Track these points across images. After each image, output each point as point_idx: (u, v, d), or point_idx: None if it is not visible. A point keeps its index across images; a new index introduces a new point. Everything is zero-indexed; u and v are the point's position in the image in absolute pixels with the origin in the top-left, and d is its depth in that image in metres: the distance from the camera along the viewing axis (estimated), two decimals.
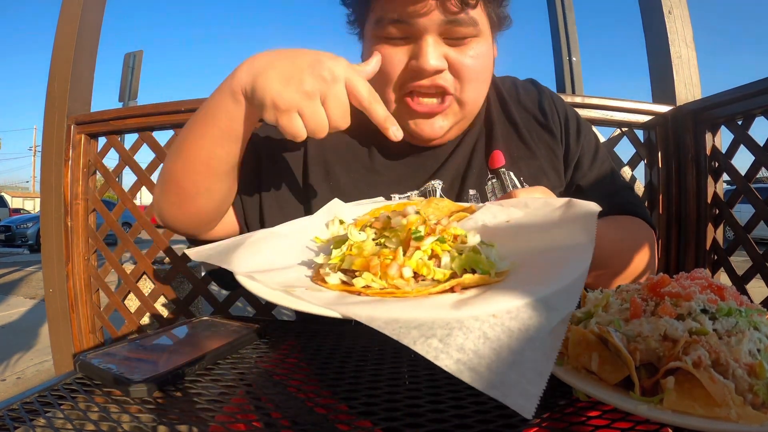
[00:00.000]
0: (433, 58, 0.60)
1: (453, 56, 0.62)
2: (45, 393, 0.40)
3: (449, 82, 0.63)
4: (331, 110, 0.51)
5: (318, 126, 0.51)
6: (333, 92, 0.50)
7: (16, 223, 11.50)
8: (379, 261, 0.42)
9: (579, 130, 0.76)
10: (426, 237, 0.43)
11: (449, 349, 0.29)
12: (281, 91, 0.50)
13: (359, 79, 0.52)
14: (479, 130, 0.75)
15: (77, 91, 1.47)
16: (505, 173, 0.71)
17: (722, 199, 1.24)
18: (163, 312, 1.46)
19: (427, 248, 0.43)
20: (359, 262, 0.43)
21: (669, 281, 0.39)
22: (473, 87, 0.65)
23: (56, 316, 1.45)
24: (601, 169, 0.75)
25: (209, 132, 0.58)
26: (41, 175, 1.47)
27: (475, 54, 0.63)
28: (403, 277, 0.41)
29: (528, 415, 0.25)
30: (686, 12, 1.36)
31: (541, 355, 0.29)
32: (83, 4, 1.46)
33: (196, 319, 0.59)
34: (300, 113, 0.50)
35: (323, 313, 0.36)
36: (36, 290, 5.29)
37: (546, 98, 0.77)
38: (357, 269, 0.43)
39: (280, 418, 0.36)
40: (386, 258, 0.42)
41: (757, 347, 0.32)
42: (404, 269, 0.41)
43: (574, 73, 3.18)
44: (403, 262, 0.41)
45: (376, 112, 0.53)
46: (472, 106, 0.68)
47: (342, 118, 0.52)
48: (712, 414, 0.28)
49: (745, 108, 1.14)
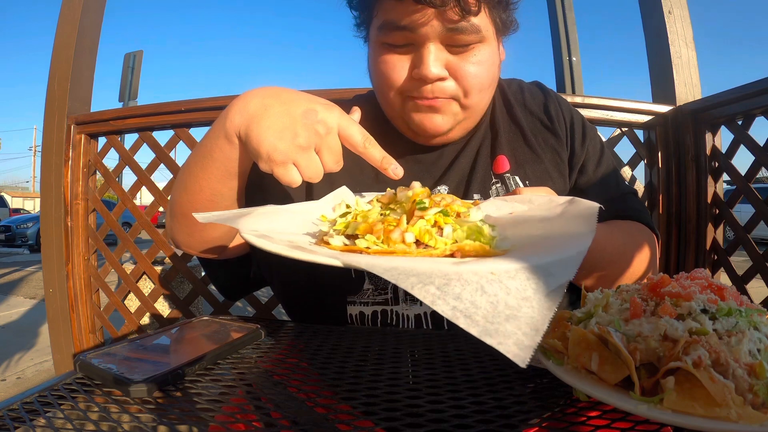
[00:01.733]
0: (434, 66, 0.60)
1: (455, 63, 0.62)
2: (45, 393, 0.40)
3: (451, 89, 0.63)
4: (325, 159, 0.52)
5: (313, 174, 0.52)
6: (327, 144, 0.51)
7: (16, 223, 11.50)
8: (382, 227, 0.43)
9: (584, 134, 0.76)
10: (430, 208, 0.44)
11: (446, 297, 0.30)
12: (276, 144, 0.50)
13: (352, 125, 0.53)
14: (484, 133, 0.74)
15: (77, 91, 1.47)
16: (510, 178, 0.71)
17: (722, 199, 1.24)
18: (163, 312, 1.46)
19: (431, 218, 0.43)
20: (363, 227, 0.44)
21: (669, 281, 0.39)
22: (476, 93, 0.64)
23: (56, 316, 1.45)
24: (605, 174, 0.75)
25: (209, 171, 0.59)
26: (41, 175, 1.47)
27: (478, 60, 0.62)
28: (405, 242, 0.41)
29: (522, 364, 0.25)
30: (686, 12, 1.36)
31: (538, 313, 0.29)
32: (83, 4, 1.46)
33: (196, 319, 0.59)
34: (295, 164, 0.51)
35: (325, 261, 0.36)
36: (36, 290, 5.29)
37: (552, 101, 0.77)
38: (360, 234, 0.43)
39: (280, 418, 0.36)
40: (390, 225, 0.43)
41: (757, 347, 0.32)
42: (407, 234, 0.42)
43: (574, 73, 3.18)
44: (405, 228, 0.42)
45: (372, 156, 0.53)
46: (476, 110, 0.68)
47: (336, 164, 0.53)
48: (712, 414, 0.28)
49: (745, 108, 1.15)
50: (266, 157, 0.50)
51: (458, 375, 0.43)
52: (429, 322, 0.66)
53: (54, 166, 1.43)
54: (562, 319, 0.42)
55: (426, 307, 0.66)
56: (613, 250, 0.62)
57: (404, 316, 0.66)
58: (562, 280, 0.32)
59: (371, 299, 0.68)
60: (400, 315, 0.67)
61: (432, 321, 0.66)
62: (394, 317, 0.67)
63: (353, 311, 0.68)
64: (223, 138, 0.55)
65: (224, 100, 1.32)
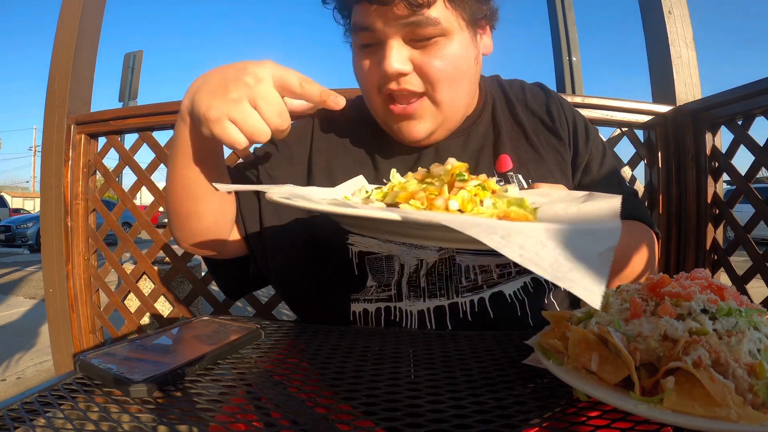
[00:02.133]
0: (396, 61, 0.61)
1: (418, 59, 0.62)
2: (45, 393, 0.40)
3: (417, 84, 0.63)
4: (263, 111, 0.52)
5: (254, 128, 0.52)
6: (259, 93, 0.51)
7: (16, 223, 11.49)
8: (424, 194, 0.43)
9: (587, 134, 0.76)
10: (469, 180, 0.44)
11: (511, 245, 0.30)
12: (209, 103, 0.51)
13: (286, 71, 0.53)
14: (486, 132, 0.74)
15: (77, 91, 1.47)
16: (513, 177, 0.70)
17: (722, 199, 1.24)
18: (163, 312, 1.46)
19: (472, 189, 0.43)
20: (404, 195, 0.43)
21: (669, 281, 0.39)
22: (445, 87, 0.64)
23: (56, 316, 1.45)
24: (608, 174, 0.76)
25: (176, 157, 0.61)
26: (41, 175, 1.47)
27: (443, 54, 0.62)
28: (449, 209, 0.41)
29: (597, 306, 0.26)
30: (686, 12, 1.36)
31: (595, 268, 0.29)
32: (83, 4, 1.46)
33: (196, 319, 0.59)
34: (232, 120, 0.51)
35: (381, 216, 0.36)
36: (36, 290, 5.28)
37: (554, 102, 0.77)
38: (401, 201, 0.43)
39: (280, 418, 0.36)
40: (431, 194, 0.43)
41: (757, 347, 0.32)
42: (450, 201, 0.42)
43: (574, 73, 3.18)
44: (448, 196, 0.42)
45: (311, 93, 0.53)
46: (449, 106, 0.66)
47: (278, 116, 0.53)
48: (712, 414, 0.28)
49: (745, 108, 1.15)
50: (203, 118, 0.52)
51: (458, 375, 0.43)
52: (432, 318, 0.66)
53: (54, 166, 1.43)
54: (562, 319, 0.42)
55: (429, 302, 0.66)
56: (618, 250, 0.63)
57: (408, 312, 0.67)
58: (610, 243, 0.32)
59: (375, 296, 0.68)
60: (404, 311, 0.67)
61: (435, 317, 0.66)
62: (398, 314, 0.67)
63: (357, 308, 0.68)
64: (180, 120, 0.58)
65: None
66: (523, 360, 0.46)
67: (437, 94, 0.64)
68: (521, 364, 0.45)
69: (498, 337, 0.56)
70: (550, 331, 0.42)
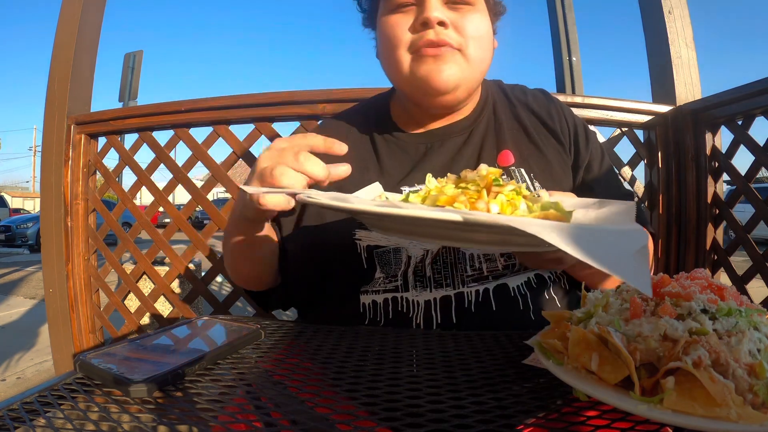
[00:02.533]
0: (436, 9, 0.67)
1: (454, 18, 0.68)
2: (45, 393, 0.40)
3: (453, 37, 0.68)
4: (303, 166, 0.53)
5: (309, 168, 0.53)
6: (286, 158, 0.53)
7: (16, 223, 11.49)
8: (465, 198, 0.44)
9: (588, 137, 0.79)
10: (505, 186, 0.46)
11: (552, 235, 0.32)
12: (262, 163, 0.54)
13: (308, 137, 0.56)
14: (486, 128, 0.77)
15: (77, 91, 1.47)
16: (515, 171, 0.73)
17: (722, 199, 1.24)
18: (163, 312, 1.46)
19: (509, 194, 0.45)
20: (444, 199, 0.45)
21: (669, 281, 0.39)
22: (476, 45, 0.70)
23: (56, 316, 1.45)
24: (609, 175, 0.79)
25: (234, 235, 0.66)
26: (41, 175, 1.47)
27: (473, 20, 0.69)
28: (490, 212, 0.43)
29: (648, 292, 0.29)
30: (686, 12, 1.36)
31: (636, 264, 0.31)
32: (83, 4, 1.46)
33: (196, 319, 0.59)
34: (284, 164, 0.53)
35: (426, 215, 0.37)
36: (36, 290, 5.28)
37: (554, 106, 0.80)
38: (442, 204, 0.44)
39: (280, 418, 0.36)
40: (472, 197, 0.45)
41: (757, 347, 0.32)
42: (492, 205, 0.43)
43: (574, 73, 3.18)
44: (489, 200, 0.44)
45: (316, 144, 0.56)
46: (476, 66, 0.71)
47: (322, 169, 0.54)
48: (712, 414, 0.28)
49: (745, 108, 1.14)
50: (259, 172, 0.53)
51: (458, 375, 0.44)
52: (438, 308, 0.67)
53: (54, 166, 1.43)
54: (562, 319, 0.42)
55: (435, 293, 0.68)
56: None
57: (414, 302, 0.68)
58: (642, 243, 0.34)
59: (382, 287, 0.70)
60: (410, 301, 0.68)
61: (441, 307, 0.67)
62: (405, 304, 0.68)
63: (366, 300, 0.70)
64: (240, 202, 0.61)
65: (224, 100, 1.33)
66: (523, 360, 0.46)
67: (470, 50, 0.69)
68: (521, 364, 0.45)
69: (498, 337, 0.56)
70: (550, 331, 0.42)
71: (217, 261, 1.35)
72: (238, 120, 1.34)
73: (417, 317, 0.67)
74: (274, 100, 1.29)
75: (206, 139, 1.37)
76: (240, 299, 1.38)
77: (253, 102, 1.31)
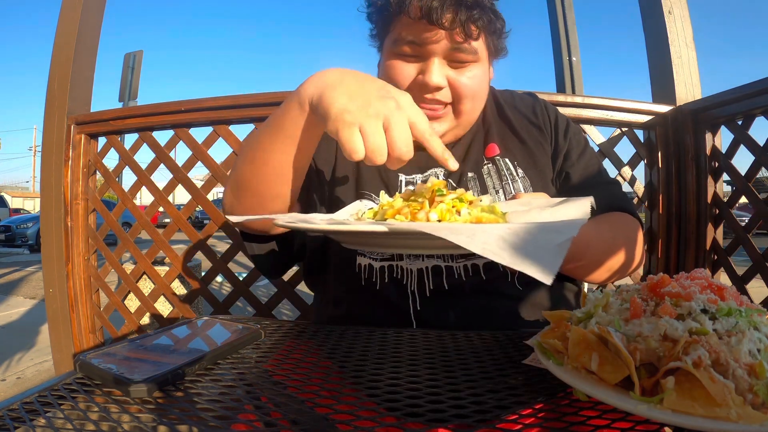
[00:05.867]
0: (437, 76, 0.70)
1: (453, 77, 0.72)
2: (45, 393, 0.40)
3: (446, 97, 0.73)
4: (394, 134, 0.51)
5: (377, 147, 0.51)
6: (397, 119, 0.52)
7: (16, 223, 11.49)
8: (409, 210, 0.50)
9: (567, 129, 0.85)
10: (447, 195, 0.52)
11: (475, 242, 0.36)
12: (347, 105, 0.52)
13: (421, 114, 0.54)
14: (476, 129, 0.84)
15: (77, 91, 1.47)
16: (500, 160, 0.80)
17: (722, 199, 1.24)
18: (163, 312, 1.46)
19: (449, 202, 0.50)
20: (391, 212, 0.51)
21: (669, 281, 0.39)
22: (468, 103, 0.74)
23: (56, 316, 1.45)
24: (588, 163, 0.83)
25: (278, 140, 0.61)
26: (41, 175, 1.47)
27: (472, 76, 0.73)
28: (429, 221, 0.48)
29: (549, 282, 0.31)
30: (686, 12, 1.36)
31: (552, 257, 0.34)
32: (83, 4, 1.46)
33: (196, 319, 0.59)
34: (361, 130, 0.51)
35: (368, 229, 0.43)
36: (36, 290, 5.28)
37: (539, 105, 0.87)
38: (389, 217, 0.50)
39: (280, 418, 0.36)
40: (415, 208, 0.50)
41: (757, 347, 0.32)
42: (431, 214, 0.49)
43: (574, 73, 3.18)
44: (429, 210, 0.49)
45: (435, 147, 0.55)
46: (467, 118, 0.77)
47: (405, 146, 0.52)
48: (712, 414, 0.28)
49: (745, 108, 1.14)
50: (335, 116, 0.52)
51: (458, 375, 0.44)
52: (430, 275, 0.72)
53: (54, 166, 1.43)
54: (562, 319, 0.42)
55: (427, 262, 0.73)
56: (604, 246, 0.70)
57: (408, 270, 0.73)
58: (569, 235, 0.37)
59: (380, 255, 0.74)
60: (405, 269, 0.73)
61: (432, 275, 0.72)
62: (400, 271, 0.73)
63: (363, 262, 0.74)
64: (296, 105, 0.58)
65: (224, 100, 1.33)
66: (523, 360, 0.46)
67: (461, 107, 0.74)
68: (521, 364, 0.45)
69: (498, 337, 0.56)
70: (550, 331, 0.42)
71: (217, 261, 1.35)
72: (238, 120, 1.34)
73: (411, 284, 0.72)
74: (273, 100, 1.29)
75: (206, 139, 1.37)
76: (240, 299, 1.38)
77: (253, 102, 1.31)
